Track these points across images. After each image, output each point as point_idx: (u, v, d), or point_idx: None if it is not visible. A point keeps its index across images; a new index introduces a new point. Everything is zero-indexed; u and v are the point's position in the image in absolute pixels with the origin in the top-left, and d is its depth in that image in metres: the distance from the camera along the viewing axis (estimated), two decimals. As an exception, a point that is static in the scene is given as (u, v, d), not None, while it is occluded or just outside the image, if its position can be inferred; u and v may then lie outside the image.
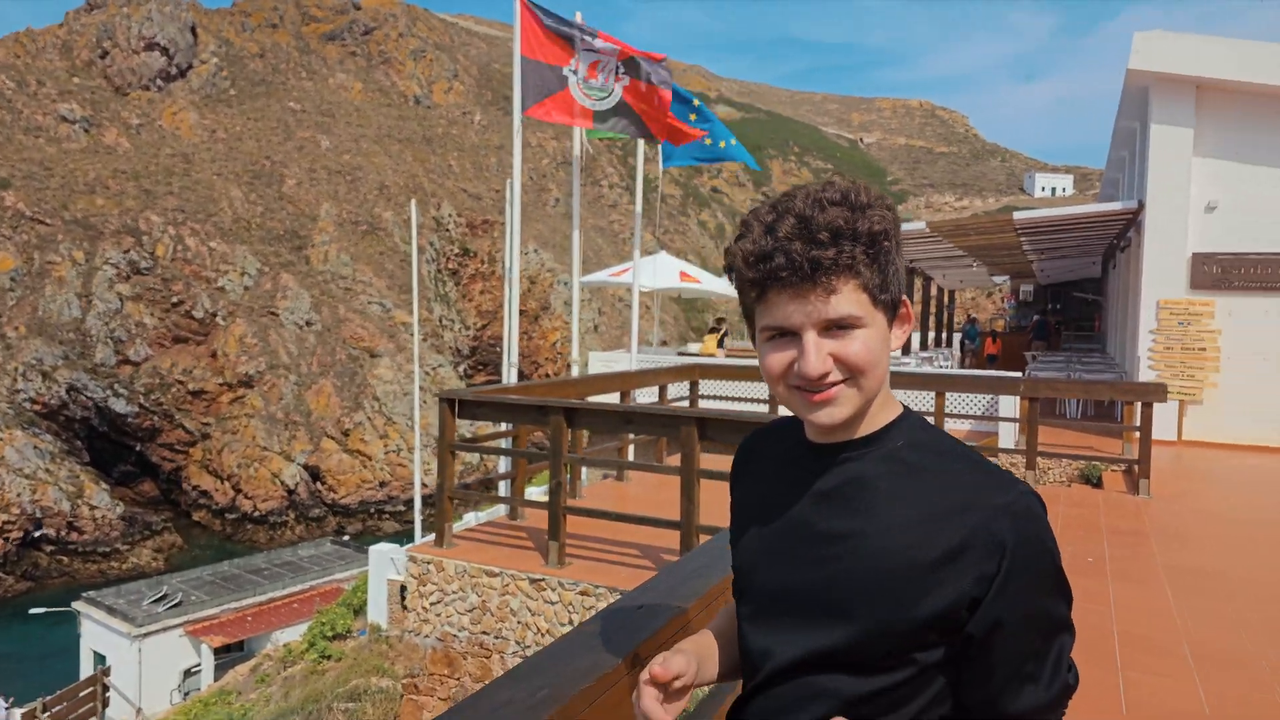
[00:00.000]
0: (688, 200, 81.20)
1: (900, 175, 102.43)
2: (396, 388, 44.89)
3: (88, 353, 41.46)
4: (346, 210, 55.15)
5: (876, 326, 1.08)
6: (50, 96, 53.56)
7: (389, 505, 42.32)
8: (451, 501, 7.25)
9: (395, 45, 75.09)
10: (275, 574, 26.69)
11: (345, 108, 66.95)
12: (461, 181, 63.98)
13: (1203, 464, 10.38)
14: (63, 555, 36.30)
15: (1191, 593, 5.42)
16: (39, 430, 38.07)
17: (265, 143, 58.85)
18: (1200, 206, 11.76)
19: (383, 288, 51.33)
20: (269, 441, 42.63)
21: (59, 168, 47.73)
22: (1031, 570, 1.04)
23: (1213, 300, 11.65)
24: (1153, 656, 4.36)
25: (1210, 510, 8.05)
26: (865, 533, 1.09)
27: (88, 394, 40.40)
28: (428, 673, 7.26)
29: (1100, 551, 6.36)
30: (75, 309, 41.98)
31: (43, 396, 38.86)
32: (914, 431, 1.15)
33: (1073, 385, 10.27)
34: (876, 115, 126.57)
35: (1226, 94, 11.69)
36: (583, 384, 8.66)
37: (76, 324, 41.77)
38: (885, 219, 1.07)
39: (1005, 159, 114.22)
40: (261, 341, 44.98)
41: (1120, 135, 15.95)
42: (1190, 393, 11.67)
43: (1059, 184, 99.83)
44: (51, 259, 42.86)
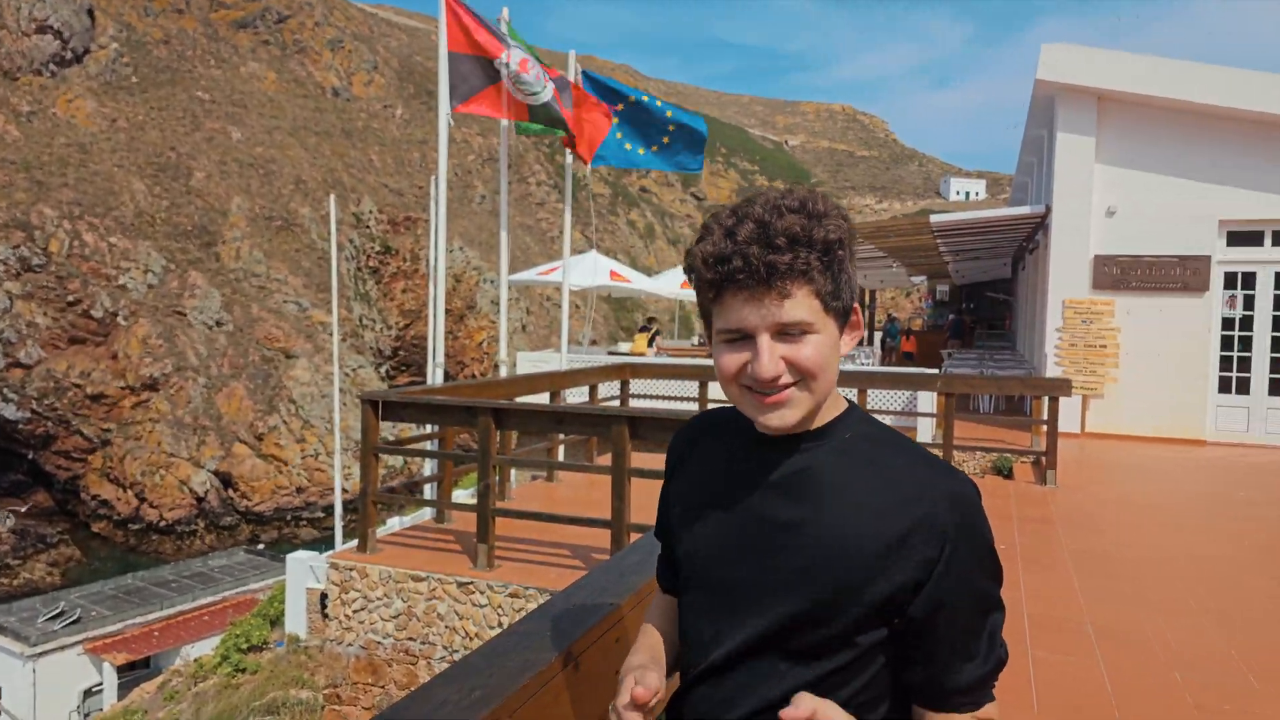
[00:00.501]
0: (617, 199, 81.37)
1: (824, 178, 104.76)
2: (314, 389, 43.71)
3: (-27, 355, 39.16)
4: (260, 205, 53.42)
5: (827, 333, 1.14)
6: (-70, 80, 50.42)
7: (306, 512, 41.15)
8: (375, 506, 7.14)
9: (311, 34, 73.08)
10: (184, 586, 25.77)
11: (258, 98, 64.83)
12: (383, 177, 62.68)
13: (1104, 454, 11.01)
14: (-54, 573, 34.25)
15: (1094, 575, 5.76)
16: (-82, 438, 35.83)
17: (171, 133, 56.54)
18: (1101, 211, 12.42)
19: (299, 286, 49.90)
20: (176, 447, 40.99)
21: (-59, 156, 44.96)
22: (971, 554, 1.13)
23: (1113, 300, 12.33)
24: (1059, 637, 4.62)
25: (1110, 497, 8.52)
26: (816, 521, 1.14)
27: (-27, 399, 38.17)
28: (351, 682, 7.14)
29: (1011, 539, 6.68)
30: (-41, 308, 39.60)
31: (-78, 402, 36.56)
32: (859, 425, 1.22)
33: (986, 381, 10.77)
34: (800, 118, 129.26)
35: (1125, 105, 12.40)
36: (512, 384, 8.63)
37: (-40, 324, 39.42)
38: (840, 228, 1.12)
39: (922, 163, 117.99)
40: (167, 342, 43.21)
41: (1029, 142, 16.65)
42: (1092, 387, 12.34)
43: (972, 188, 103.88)
44: (-67, 254, 40.35)
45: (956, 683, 1.16)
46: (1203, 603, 5.24)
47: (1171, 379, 12.21)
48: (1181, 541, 6.78)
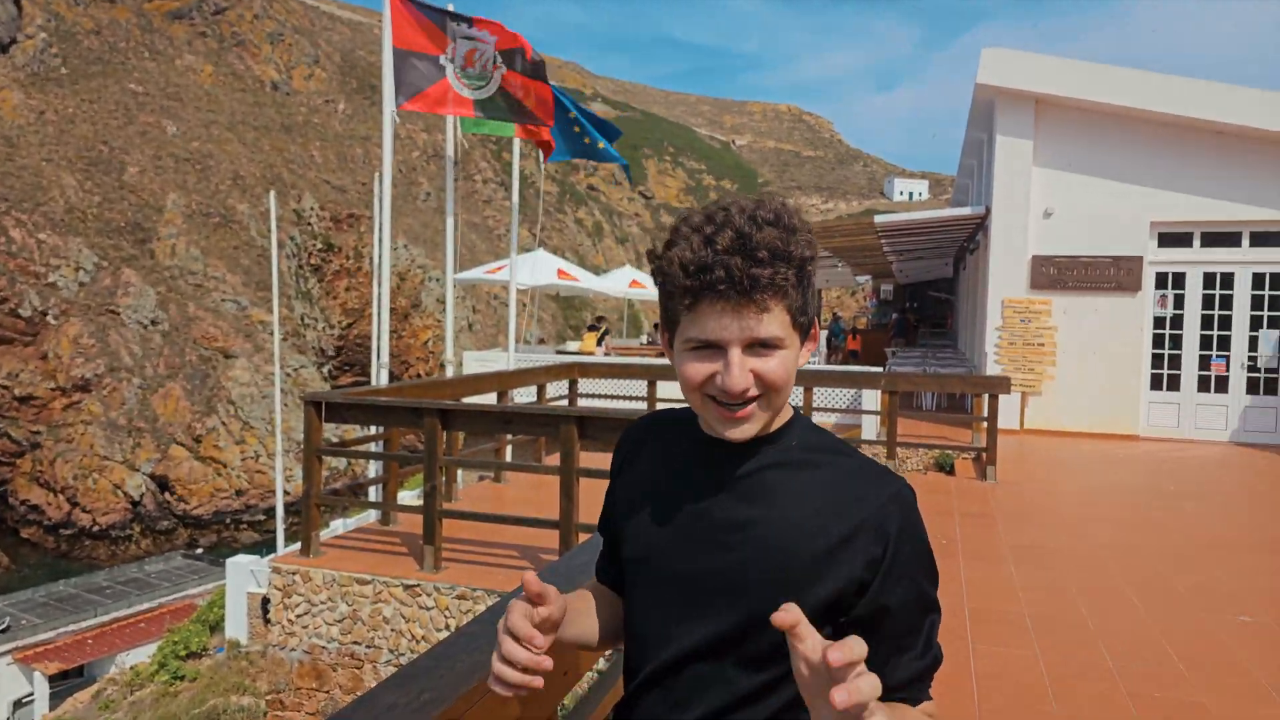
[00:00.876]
0: (564, 198, 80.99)
1: (770, 177, 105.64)
2: (254, 390, 42.61)
3: (-108, 355, 37.30)
4: (196, 201, 51.86)
5: (793, 347, 1.14)
6: None
7: (246, 515, 40.12)
8: (318, 508, 6.97)
9: (250, 27, 71.15)
10: (119, 592, 24.96)
11: (194, 91, 62.91)
12: (324, 173, 61.36)
13: (1042, 450, 11.23)
14: None
15: (1032, 567, 5.88)
16: None
17: (103, 127, 54.54)
18: (1039, 212, 12.66)
19: (237, 284, 48.59)
20: (110, 450, 39.60)
21: None
22: (912, 554, 1.15)
23: (1050, 299, 12.57)
24: (999, 629, 4.71)
25: (1048, 492, 8.68)
26: (765, 522, 1.15)
27: (-108, 401, 36.35)
28: (294, 687, 6.97)
29: (953, 534, 6.78)
30: (-124, 306, 37.68)
31: None
32: (805, 432, 1.23)
33: (928, 379, 10.92)
34: (747, 118, 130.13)
35: (1062, 109, 12.66)
36: (458, 384, 8.51)
37: (-122, 323, 37.52)
38: (811, 244, 1.13)
39: (867, 164, 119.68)
40: (100, 342, 41.71)
41: (970, 145, 16.93)
42: (1031, 385, 12.56)
43: (916, 189, 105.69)
44: None
45: (895, 679, 1.17)
46: (1136, 593, 5.35)
47: (1106, 376, 12.44)
48: (1115, 534, 6.90)
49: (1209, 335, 12.33)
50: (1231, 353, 12.21)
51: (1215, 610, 5.07)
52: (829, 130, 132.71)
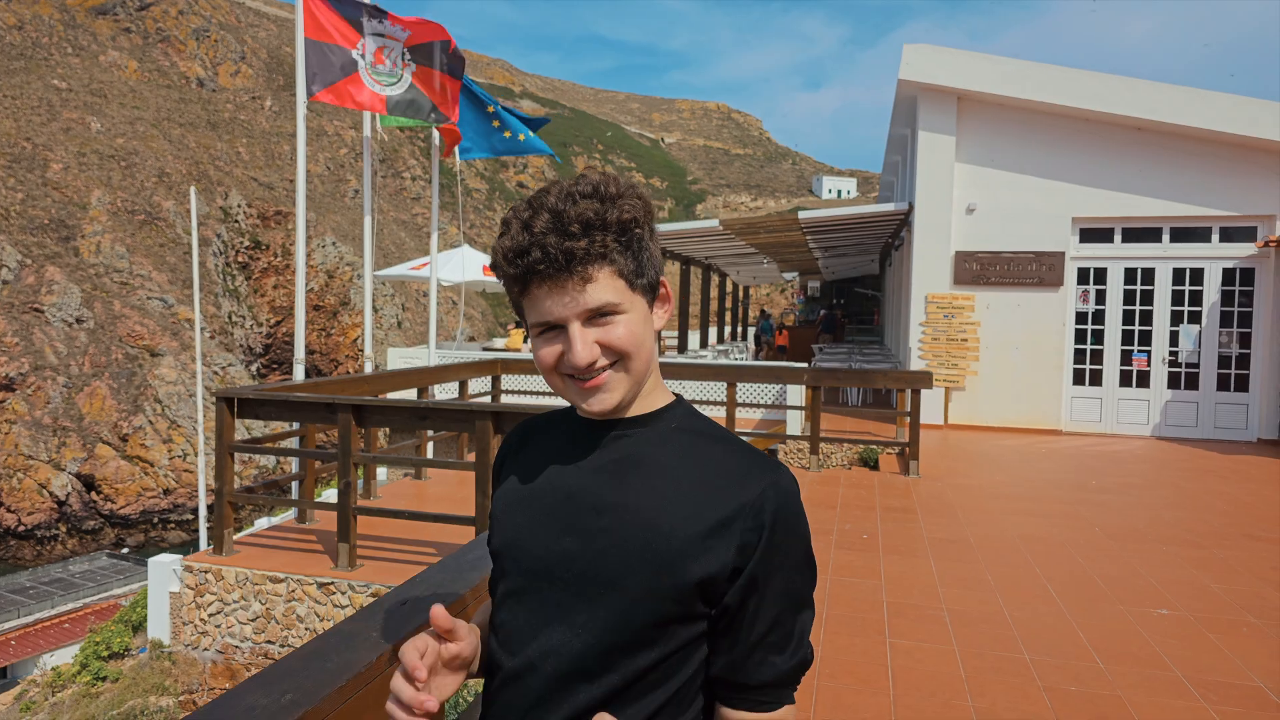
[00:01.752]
0: (493, 194, 79.71)
1: (699, 175, 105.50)
2: (181, 388, 40.66)
3: None
4: (121, 199, 49.14)
5: (637, 310, 1.08)
6: None
7: (174, 514, 38.30)
8: (232, 506, 6.56)
9: (175, 23, 67.71)
10: (43, 593, 23.58)
11: (119, 88, 59.57)
12: (252, 170, 58.89)
13: (965, 445, 10.87)
14: None
15: (951, 561, 5.70)
16: None
17: (25, 123, 51.18)
18: (962, 208, 12.29)
19: (164, 282, 46.27)
20: (34, 449, 37.29)
21: None
22: (787, 545, 1.06)
23: (973, 295, 12.23)
24: (917, 623, 4.53)
25: (970, 486, 8.39)
26: (638, 505, 1.07)
27: None
28: (207, 687, 6.57)
29: (874, 528, 6.55)
30: None
31: None
32: (685, 417, 1.16)
33: (851, 374, 10.48)
34: (676, 116, 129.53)
35: (983, 105, 12.31)
36: (377, 381, 8.13)
37: None
38: (635, 208, 1.07)
39: (796, 162, 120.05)
40: (24, 341, 39.21)
41: (894, 141, 16.48)
42: (954, 380, 12.21)
43: (844, 186, 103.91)
44: None
45: (759, 675, 1.07)
46: (1054, 587, 5.18)
47: (1029, 371, 12.09)
48: (1035, 528, 6.67)
49: (1130, 330, 12.00)
50: (1153, 348, 11.89)
51: (1133, 604, 4.91)
52: (758, 128, 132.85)
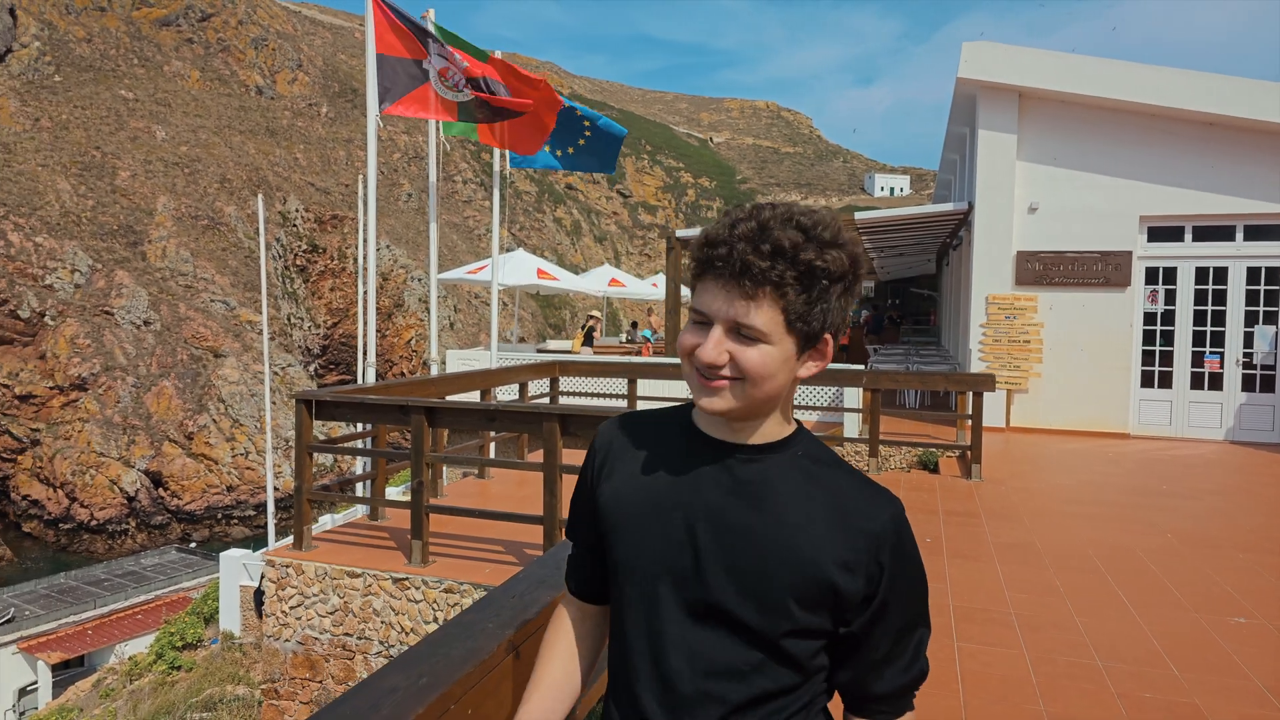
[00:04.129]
0: (543, 197, 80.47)
1: (749, 174, 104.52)
2: (243, 388, 41.99)
3: (-110, 357, 36.41)
4: (185, 204, 50.94)
5: (781, 348, 1.11)
6: None
7: (238, 510, 39.60)
8: (309, 503, 6.85)
9: (234, 33, 69.85)
10: (117, 585, 24.59)
11: (182, 97, 61.72)
12: (309, 175, 60.49)
13: (1028, 448, 10.62)
14: None
15: (1018, 566, 5.61)
16: None
17: (95, 133, 53.37)
18: (1023, 208, 11.98)
19: (226, 285, 47.84)
20: (106, 447, 38.92)
21: None
22: (909, 571, 1.16)
23: (1035, 295, 11.91)
24: (985, 627, 4.49)
25: (1034, 490, 8.22)
26: (771, 527, 1.13)
27: (-109, 402, 35.51)
28: (289, 677, 6.86)
29: (938, 532, 6.49)
30: (-126, 310, 36.74)
31: None
32: (809, 445, 1.21)
33: (910, 377, 10.22)
34: (725, 115, 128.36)
35: (1046, 102, 11.98)
36: (443, 383, 8.38)
37: (-124, 326, 36.59)
38: (833, 260, 1.09)
39: (847, 160, 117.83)
40: (95, 342, 40.93)
41: (952, 139, 16.16)
42: (1016, 382, 11.95)
43: (897, 184, 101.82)
44: None
45: (882, 688, 1.18)
46: (1125, 593, 5.08)
47: (1095, 373, 11.78)
48: (1104, 533, 6.52)
49: (1202, 331, 11.59)
50: (1226, 349, 11.47)
51: (1208, 611, 4.76)
52: (807, 126, 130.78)
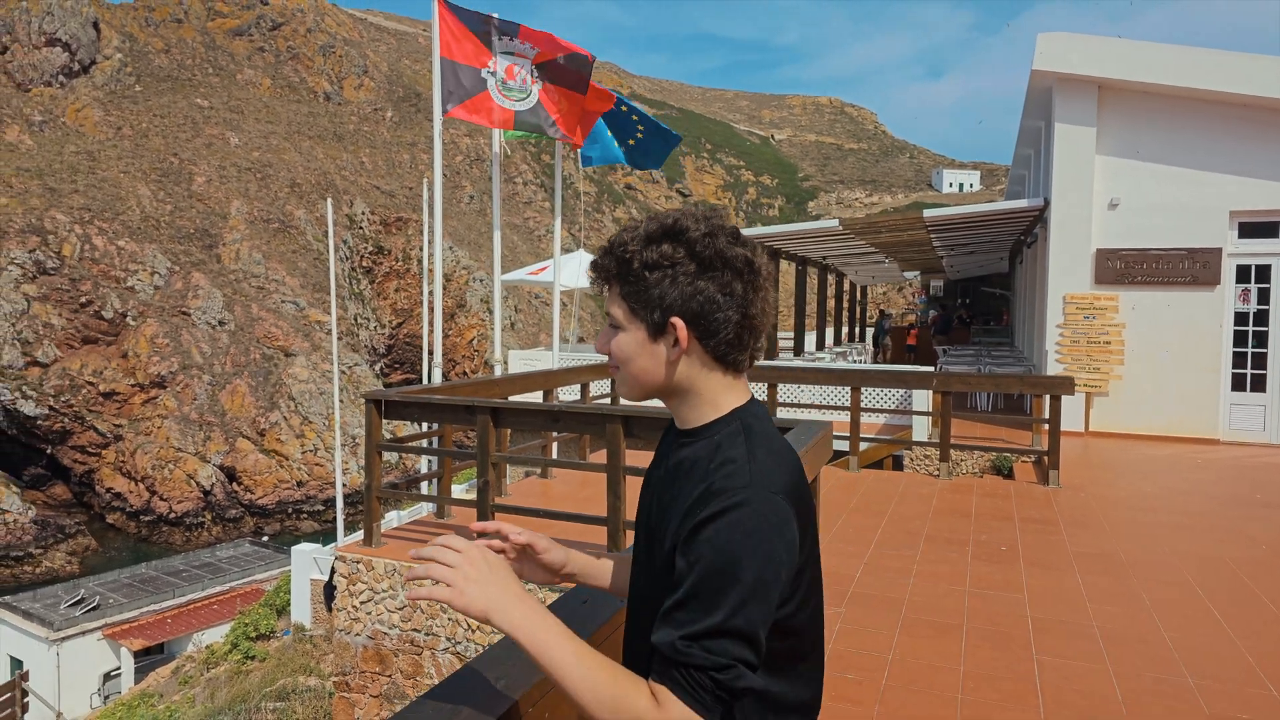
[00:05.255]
0: (603, 197, 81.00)
1: (811, 171, 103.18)
2: (312, 387, 43.32)
3: (-9, 355, 38.70)
4: (257, 208, 52.80)
5: (633, 334, 1.26)
6: (-59, 92, 49.50)
7: (307, 505, 40.89)
8: (379, 501, 7.03)
9: (304, 41, 72.13)
10: (194, 575, 25.59)
11: (254, 104, 64.00)
12: (374, 178, 62.07)
13: (1108, 454, 10.20)
14: (-28, 562, 34.01)
15: (1100, 577, 5.38)
16: (-59, 435, 35.48)
17: (173, 140, 55.75)
18: (1103, 204, 11.47)
19: (296, 286, 49.41)
20: (183, 442, 40.61)
21: (-48, 165, 44.22)
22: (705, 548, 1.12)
23: (1116, 295, 11.46)
24: (1065, 640, 4.30)
25: (1116, 498, 7.88)
26: (677, 501, 1.22)
27: (-7, 397, 37.75)
28: (359, 670, 7.05)
29: (1013, 540, 6.30)
30: (-23, 311, 39.12)
31: (-56, 401, 36.14)
32: (728, 426, 1.27)
33: (983, 379, 9.89)
34: (787, 112, 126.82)
35: (1127, 94, 11.50)
36: (506, 383, 8.50)
37: (-21, 326, 38.95)
38: (655, 252, 1.23)
39: (913, 155, 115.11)
40: (173, 341, 42.74)
41: (1026, 134, 15.67)
42: (1096, 385, 11.52)
43: (966, 180, 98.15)
44: (-51, 260, 39.78)
45: (656, 639, 1.13)
46: (1217, 607, 4.82)
47: (1181, 376, 11.26)
48: (1193, 544, 6.21)
49: None
50: None
51: None
52: (872, 121, 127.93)
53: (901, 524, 6.77)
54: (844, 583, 5.21)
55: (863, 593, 5.05)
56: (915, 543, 6.18)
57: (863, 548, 6.05)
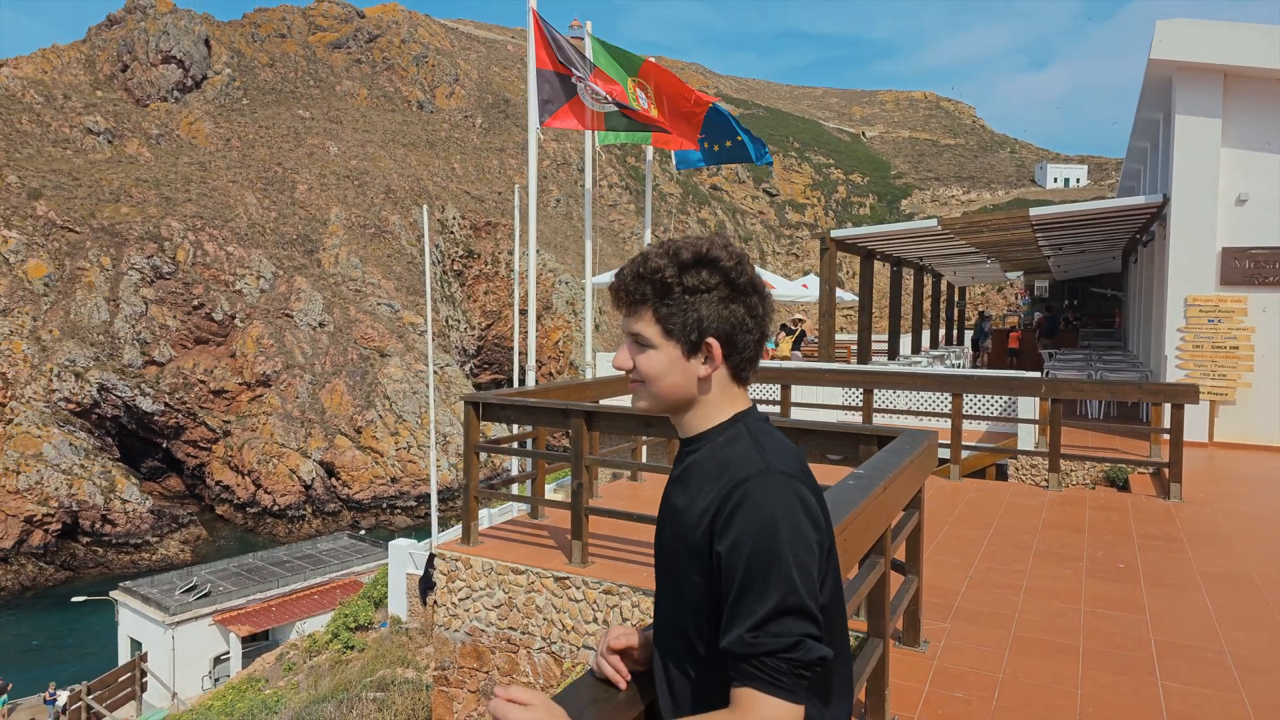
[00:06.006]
0: (687, 198, 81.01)
1: (904, 169, 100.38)
2: (406, 386, 44.85)
3: (116, 354, 41.55)
4: (355, 214, 55.03)
5: (666, 352, 1.36)
6: (76, 110, 53.48)
7: (400, 500, 42.35)
8: (476, 501, 7.23)
9: (398, 51, 74.80)
10: (296, 566, 26.76)
11: (352, 114, 66.73)
12: (464, 184, 63.81)
13: (1236, 466, 9.57)
14: (97, 546, 36.61)
15: (1230, 599, 5.05)
16: (73, 428, 38.32)
17: (277, 149, 58.70)
18: (1230, 199, 10.90)
19: (390, 289, 51.26)
20: (286, 438, 42.65)
21: (86, 178, 47.70)
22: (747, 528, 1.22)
23: (1245, 296, 10.80)
24: (1194, 666, 4.07)
25: (1247, 514, 7.39)
26: (686, 506, 1.34)
27: (117, 393, 40.50)
28: (458, 665, 7.26)
29: (1132, 557, 5.98)
30: (104, 312, 42.07)
31: (76, 396, 39.02)
32: (731, 429, 1.38)
33: (1098, 386, 9.35)
34: (879, 108, 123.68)
35: (1256, 82, 10.81)
36: (598, 386, 8.61)
37: (105, 327, 41.89)
38: (693, 277, 1.34)
39: (1015, 150, 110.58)
40: (278, 342, 44.96)
41: (1141, 126, 14.94)
42: (1222, 393, 10.84)
43: (1073, 174, 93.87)
44: (81, 265, 42.93)
45: (725, 643, 1.22)
46: None
47: None
48: None
49: None
50: None
51: None
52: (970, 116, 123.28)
53: (1008, 537, 6.52)
54: (948, 597, 5.06)
55: (969, 608, 4.89)
56: (1024, 557, 5.95)
57: (967, 561, 5.86)
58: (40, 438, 36.70)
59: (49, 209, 44.10)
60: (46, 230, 43.40)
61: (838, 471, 4.49)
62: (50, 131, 50.93)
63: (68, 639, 29.18)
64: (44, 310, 40.93)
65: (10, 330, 39.43)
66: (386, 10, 77.93)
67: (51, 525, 35.54)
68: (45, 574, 34.88)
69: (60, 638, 29.40)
